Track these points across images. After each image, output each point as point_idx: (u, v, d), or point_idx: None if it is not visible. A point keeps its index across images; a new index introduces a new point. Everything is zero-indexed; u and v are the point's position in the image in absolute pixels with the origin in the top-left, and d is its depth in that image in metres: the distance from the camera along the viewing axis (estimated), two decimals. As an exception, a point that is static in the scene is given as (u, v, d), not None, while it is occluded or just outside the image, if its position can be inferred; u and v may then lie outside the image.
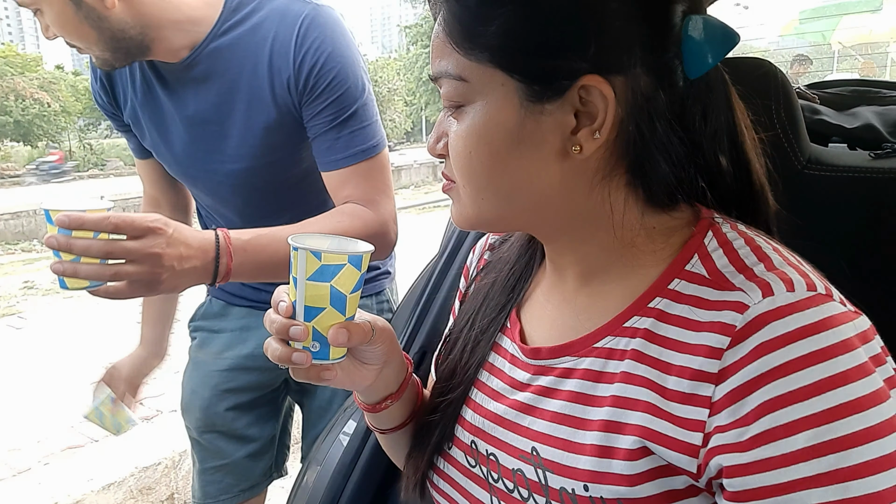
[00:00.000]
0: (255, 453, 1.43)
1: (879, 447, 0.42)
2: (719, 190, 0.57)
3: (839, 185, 0.84)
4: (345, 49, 1.11)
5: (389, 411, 0.70)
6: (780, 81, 0.82)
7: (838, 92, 1.05)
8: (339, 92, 1.10)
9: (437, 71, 0.56)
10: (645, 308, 0.53)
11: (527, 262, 0.69)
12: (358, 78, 1.12)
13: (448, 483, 0.66)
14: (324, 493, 1.09)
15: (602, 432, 0.52)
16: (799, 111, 0.84)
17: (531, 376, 0.60)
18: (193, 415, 1.42)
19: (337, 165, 1.12)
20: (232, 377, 1.39)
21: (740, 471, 0.44)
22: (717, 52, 0.51)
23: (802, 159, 0.84)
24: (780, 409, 0.43)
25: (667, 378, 0.49)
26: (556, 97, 0.51)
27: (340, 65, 1.09)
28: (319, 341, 0.57)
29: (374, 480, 1.05)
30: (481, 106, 0.53)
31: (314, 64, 1.08)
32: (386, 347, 0.64)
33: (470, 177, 0.56)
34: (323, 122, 1.11)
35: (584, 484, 0.52)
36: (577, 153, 0.52)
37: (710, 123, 0.55)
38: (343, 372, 0.63)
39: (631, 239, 0.55)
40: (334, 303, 0.56)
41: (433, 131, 0.60)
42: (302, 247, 0.55)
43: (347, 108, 1.11)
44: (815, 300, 0.45)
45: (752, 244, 0.52)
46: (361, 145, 1.13)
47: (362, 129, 1.13)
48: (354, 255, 0.56)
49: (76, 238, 0.82)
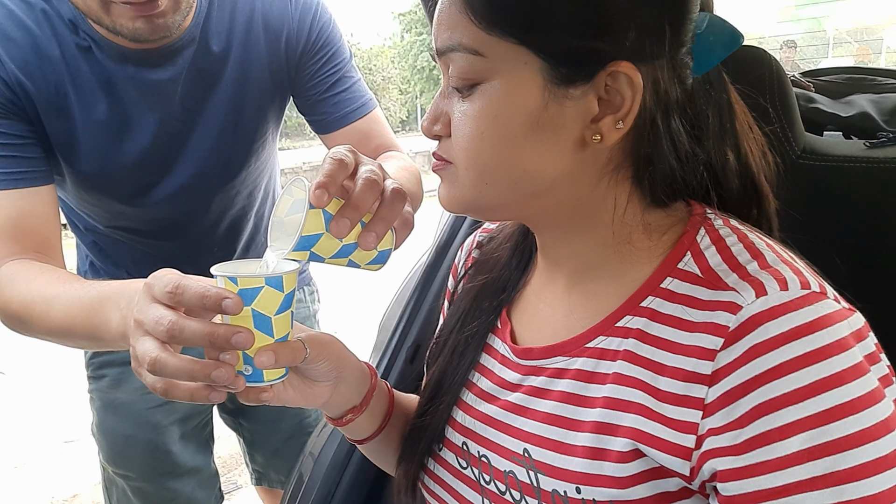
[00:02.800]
0: (204, 482, 1.33)
1: (875, 449, 0.41)
2: (723, 188, 0.56)
3: (835, 175, 0.83)
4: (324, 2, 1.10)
5: (356, 423, 0.68)
6: (775, 70, 0.81)
7: (833, 80, 1.04)
8: (338, 42, 1.08)
9: (446, 44, 0.52)
10: (637, 307, 0.52)
11: (518, 262, 0.68)
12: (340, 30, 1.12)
13: (439, 485, 0.65)
14: (319, 487, 1.09)
15: (594, 434, 0.51)
16: (794, 100, 0.83)
17: (522, 377, 0.60)
18: (135, 464, 1.25)
19: (359, 114, 1.10)
20: (170, 409, 1.23)
21: (735, 474, 0.44)
22: (723, 51, 0.51)
23: (797, 149, 0.83)
24: (775, 412, 0.42)
25: (659, 379, 0.48)
26: (584, 82, 0.49)
27: (329, 14, 1.08)
28: (251, 364, 0.56)
29: (370, 474, 1.05)
30: (500, 84, 0.50)
31: (313, 15, 1.05)
32: (332, 364, 0.62)
33: (476, 160, 0.53)
34: (329, 74, 1.07)
35: (577, 486, 0.51)
36: (596, 142, 0.50)
37: (714, 121, 0.54)
38: (294, 391, 0.62)
39: (628, 234, 0.54)
40: (259, 325, 0.55)
41: (429, 111, 0.57)
42: (219, 273, 0.55)
43: (347, 59, 1.10)
44: (809, 299, 0.45)
45: (746, 241, 0.51)
46: (367, 94, 1.12)
47: (360, 81, 1.12)
48: (272, 277, 0.55)
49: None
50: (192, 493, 1.29)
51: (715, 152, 0.55)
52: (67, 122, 0.95)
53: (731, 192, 0.57)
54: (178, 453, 1.26)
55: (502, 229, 0.73)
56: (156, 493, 1.26)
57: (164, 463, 1.25)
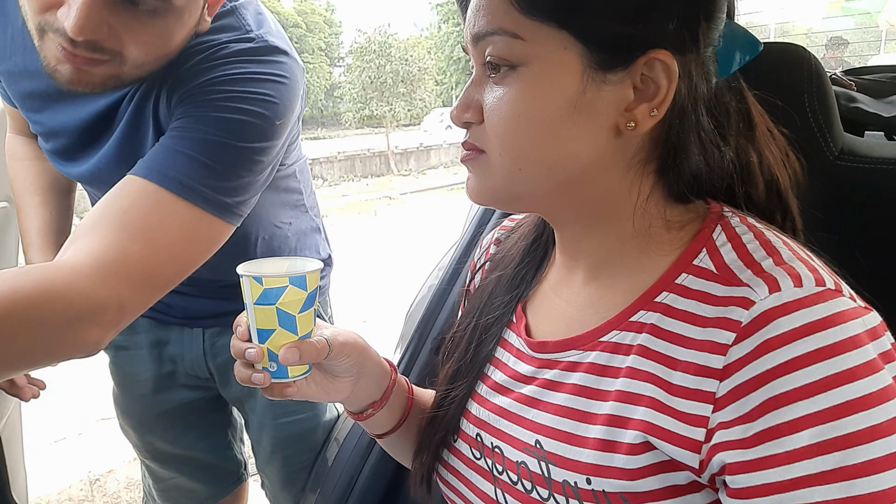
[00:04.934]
0: (209, 466, 1.31)
1: (886, 445, 0.41)
2: (749, 187, 0.56)
3: (874, 178, 0.81)
4: None
5: (376, 418, 0.70)
6: (814, 67, 0.79)
7: (877, 79, 1.01)
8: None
9: (485, 29, 0.52)
10: (652, 303, 0.52)
11: (533, 259, 0.68)
12: None
13: (454, 475, 0.66)
14: (342, 472, 1.11)
15: (606, 426, 0.52)
16: (832, 99, 0.81)
17: (536, 370, 0.60)
18: (131, 437, 1.28)
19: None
20: (160, 401, 1.22)
21: (743, 468, 0.44)
22: (743, 57, 0.53)
23: (835, 150, 0.81)
24: (785, 406, 0.42)
25: (672, 373, 0.49)
26: (622, 68, 0.50)
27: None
28: (276, 361, 0.58)
29: (391, 463, 1.07)
30: (539, 68, 0.50)
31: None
32: (353, 360, 0.64)
33: (512, 144, 0.53)
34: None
35: (587, 477, 0.52)
36: (630, 129, 0.51)
37: (733, 118, 0.55)
38: (317, 386, 0.64)
39: (647, 227, 0.55)
40: (283, 323, 0.58)
41: (461, 98, 0.56)
42: (245, 273, 0.57)
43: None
44: (823, 296, 0.44)
45: (762, 238, 0.50)
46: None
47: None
48: (296, 276, 0.57)
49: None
50: (194, 474, 1.30)
51: (738, 151, 0.55)
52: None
53: (757, 192, 0.56)
54: (173, 438, 1.26)
55: (519, 227, 0.73)
56: (152, 469, 1.30)
57: (155, 446, 1.27)
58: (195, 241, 0.79)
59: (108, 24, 0.71)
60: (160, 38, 0.76)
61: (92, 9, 0.68)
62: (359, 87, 17.80)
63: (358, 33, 18.54)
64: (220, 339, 1.16)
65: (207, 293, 1.11)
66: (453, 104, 0.58)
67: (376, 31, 17.83)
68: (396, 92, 17.64)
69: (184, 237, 0.77)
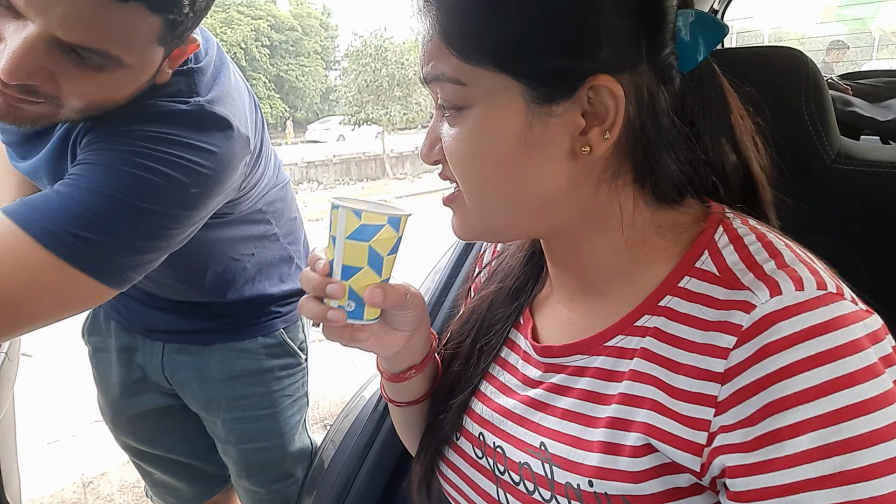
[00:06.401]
0: (192, 468, 1.31)
1: (886, 450, 0.41)
2: (727, 183, 0.56)
3: (870, 181, 0.82)
4: None
5: (410, 383, 0.70)
6: (810, 71, 0.79)
7: (873, 83, 1.01)
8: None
9: (431, 75, 0.53)
10: (655, 307, 0.52)
11: (538, 261, 0.68)
12: None
13: (456, 473, 0.66)
14: (339, 474, 1.11)
15: (609, 429, 0.52)
16: (829, 102, 0.81)
17: (543, 373, 0.60)
18: (113, 433, 1.30)
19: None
20: (130, 405, 1.22)
21: (744, 471, 0.44)
22: (709, 45, 0.51)
23: (831, 153, 0.82)
24: (785, 410, 0.42)
25: (674, 377, 0.49)
26: (565, 98, 0.50)
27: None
28: (355, 301, 0.56)
29: (388, 464, 1.06)
30: (484, 109, 0.52)
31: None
32: (417, 314, 0.63)
33: (473, 183, 0.54)
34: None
35: (590, 480, 0.52)
36: (586, 154, 0.51)
37: (709, 116, 0.54)
38: (374, 336, 0.63)
39: (641, 237, 0.55)
40: (372, 263, 0.56)
41: (426, 138, 0.58)
42: (343, 205, 0.55)
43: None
44: (825, 299, 0.44)
45: (764, 240, 0.50)
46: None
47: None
48: (394, 217, 0.55)
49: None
50: (178, 474, 1.30)
51: (712, 147, 0.55)
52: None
53: (734, 186, 0.57)
54: (148, 441, 1.27)
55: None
56: (138, 465, 1.31)
57: (131, 445, 1.28)
58: (45, 292, 0.72)
59: (46, 70, 0.68)
60: (105, 90, 0.73)
61: (28, 55, 0.65)
62: (354, 90, 17.76)
63: (354, 37, 18.52)
64: (178, 356, 1.13)
65: (165, 307, 1.09)
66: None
67: (372, 35, 17.80)
68: (392, 96, 17.61)
69: (30, 283, 0.71)
